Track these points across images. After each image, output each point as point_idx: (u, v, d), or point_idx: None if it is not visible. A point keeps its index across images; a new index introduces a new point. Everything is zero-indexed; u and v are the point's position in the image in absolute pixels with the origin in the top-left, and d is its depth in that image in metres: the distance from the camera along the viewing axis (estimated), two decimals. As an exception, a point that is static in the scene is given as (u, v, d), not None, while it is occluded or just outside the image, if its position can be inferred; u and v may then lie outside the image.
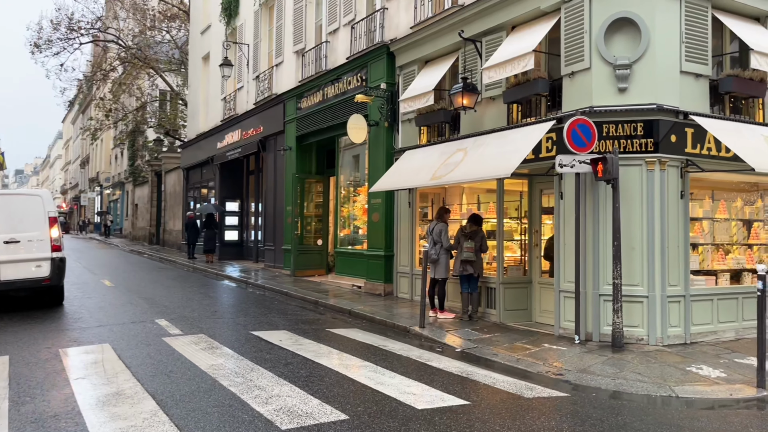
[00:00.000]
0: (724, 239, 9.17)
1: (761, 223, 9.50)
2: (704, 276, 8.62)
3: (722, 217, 9.14)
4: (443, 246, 10.15)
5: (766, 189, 9.66)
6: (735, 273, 9.00)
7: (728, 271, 8.94)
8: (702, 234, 8.88)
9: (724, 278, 8.86)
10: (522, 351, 7.78)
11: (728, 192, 9.34)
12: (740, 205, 9.35)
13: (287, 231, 16.92)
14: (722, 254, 8.98)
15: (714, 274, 8.80)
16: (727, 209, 9.14)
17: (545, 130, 8.54)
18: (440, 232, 10.22)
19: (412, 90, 11.45)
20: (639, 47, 8.09)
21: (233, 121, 21.43)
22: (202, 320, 9.54)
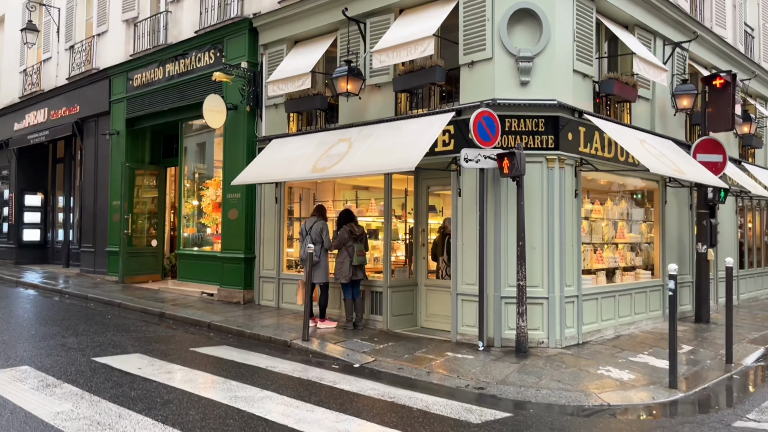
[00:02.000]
0: (597, 239, 9.41)
1: (624, 222, 9.94)
2: (587, 275, 8.70)
3: (598, 217, 9.36)
4: (323, 246, 9.08)
5: (628, 191, 10.15)
6: (610, 271, 9.26)
7: (604, 270, 9.16)
8: (584, 233, 8.97)
9: (602, 276, 9.06)
10: (426, 362, 7.06)
11: (601, 193, 9.61)
12: (610, 205, 9.67)
13: (113, 230, 14.40)
14: (600, 253, 9.18)
15: (593, 273, 8.94)
16: (601, 210, 9.38)
17: (445, 122, 7.93)
18: (321, 231, 9.13)
19: (282, 71, 10.17)
20: (540, 41, 7.85)
21: (38, 98, 17.92)
22: (18, 345, 7.32)
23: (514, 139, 7.80)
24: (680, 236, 10.70)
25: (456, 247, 8.15)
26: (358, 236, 9.01)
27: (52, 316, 9.76)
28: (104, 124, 15.04)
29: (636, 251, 10.10)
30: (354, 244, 8.93)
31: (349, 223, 9.09)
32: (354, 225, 9.09)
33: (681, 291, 10.53)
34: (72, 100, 16.19)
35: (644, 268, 9.96)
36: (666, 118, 10.36)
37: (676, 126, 10.69)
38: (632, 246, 10.05)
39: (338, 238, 9.01)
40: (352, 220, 9.20)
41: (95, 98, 15.27)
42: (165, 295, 12.23)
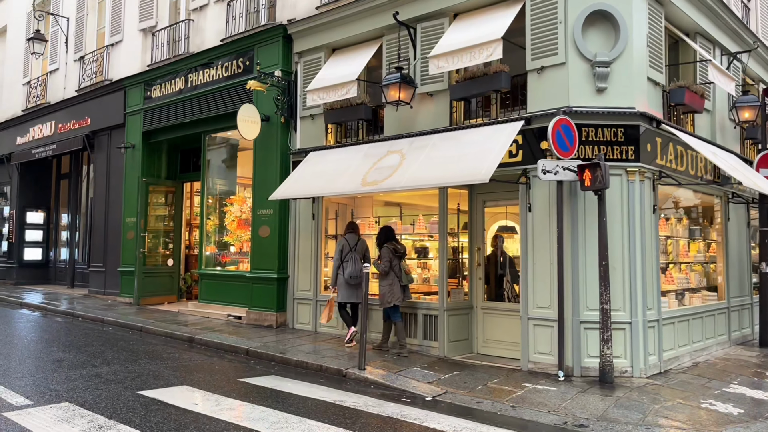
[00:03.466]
0: (664, 258, 8.81)
1: (686, 240, 9.37)
2: (662, 297, 8.08)
3: (663, 234, 8.77)
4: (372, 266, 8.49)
5: (684, 206, 9.59)
6: (679, 293, 8.65)
7: (674, 292, 8.55)
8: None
9: (672, 299, 8.44)
10: (506, 395, 6.37)
11: (664, 210, 9.05)
12: (674, 222, 9.11)
13: (127, 249, 13.60)
14: (669, 274, 8.58)
15: (665, 295, 8.31)
16: (668, 226, 8.80)
17: (515, 131, 7.35)
18: (366, 249, 8.70)
19: (322, 79, 9.57)
20: (617, 45, 7.31)
21: (43, 111, 17.16)
22: (48, 376, 6.53)
23: (591, 149, 7.22)
24: (740, 255, 10.14)
25: (526, 266, 7.50)
26: (401, 254, 8.42)
27: (74, 342, 8.94)
28: (117, 137, 14.31)
29: (699, 271, 9.51)
30: (399, 262, 8.33)
31: (391, 242, 8.47)
32: (396, 243, 8.49)
33: (741, 313, 9.95)
34: (82, 113, 15.46)
35: (708, 289, 9.37)
36: (725, 131, 9.86)
37: (732, 139, 10.19)
38: (694, 265, 9.46)
39: (384, 259, 8.28)
40: (394, 237, 8.60)
41: (108, 110, 14.56)
42: (186, 317, 11.43)
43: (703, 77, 9.10)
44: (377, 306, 8.57)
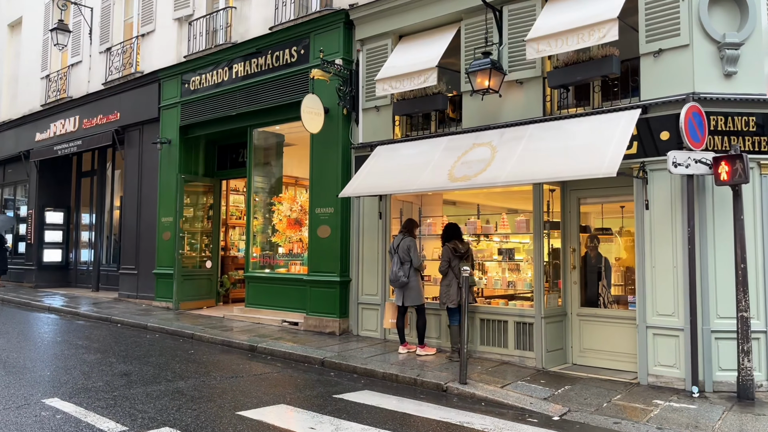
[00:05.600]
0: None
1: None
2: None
3: None
4: (412, 265, 8.07)
5: None
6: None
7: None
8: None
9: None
10: (642, 414, 5.67)
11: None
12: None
13: (163, 250, 12.84)
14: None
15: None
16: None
17: (633, 120, 6.66)
18: (408, 249, 8.11)
19: (393, 68, 8.85)
20: (746, 26, 6.63)
21: (65, 105, 16.37)
22: (126, 394, 5.78)
23: (721, 140, 6.54)
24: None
25: (643, 270, 6.80)
26: (462, 254, 7.81)
27: (129, 352, 8.18)
28: (150, 132, 13.55)
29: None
30: (459, 263, 7.72)
31: (452, 240, 7.91)
32: (458, 242, 7.94)
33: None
34: (110, 107, 14.68)
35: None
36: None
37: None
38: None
39: (442, 259, 7.95)
40: (457, 236, 7.98)
41: (140, 104, 13.80)
42: (234, 323, 10.68)
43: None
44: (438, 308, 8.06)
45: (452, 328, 7.92)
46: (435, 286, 8.47)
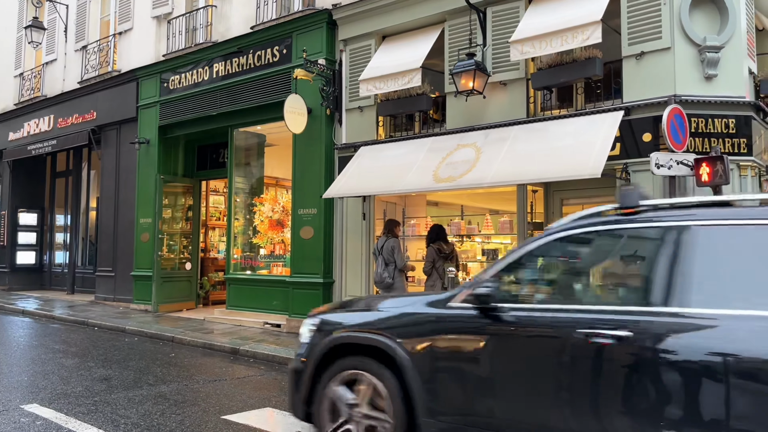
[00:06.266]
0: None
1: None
2: None
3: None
4: (396, 267, 7.98)
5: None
6: None
7: None
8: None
9: None
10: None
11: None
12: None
13: (141, 252, 12.63)
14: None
15: None
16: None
17: (616, 122, 6.74)
18: (392, 250, 8.02)
19: (377, 68, 8.83)
20: (726, 29, 6.76)
21: (40, 104, 16.02)
22: (107, 399, 5.64)
23: (702, 142, 6.64)
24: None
25: (626, 269, 6.87)
26: (447, 255, 7.82)
27: (108, 356, 8.01)
28: (128, 132, 13.32)
29: None
30: (443, 263, 7.74)
31: (437, 242, 7.92)
32: (443, 243, 7.93)
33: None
34: (86, 106, 14.40)
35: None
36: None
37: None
38: None
39: (426, 260, 7.93)
40: (442, 237, 7.99)
41: (117, 104, 13.56)
42: (215, 326, 10.54)
43: (779, 69, 8.64)
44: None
45: None
46: (419, 287, 8.46)
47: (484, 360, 3.42)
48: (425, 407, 3.48)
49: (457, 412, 3.44)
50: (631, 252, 3.49)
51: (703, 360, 2.79)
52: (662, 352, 2.88)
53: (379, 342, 3.70)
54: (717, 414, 2.72)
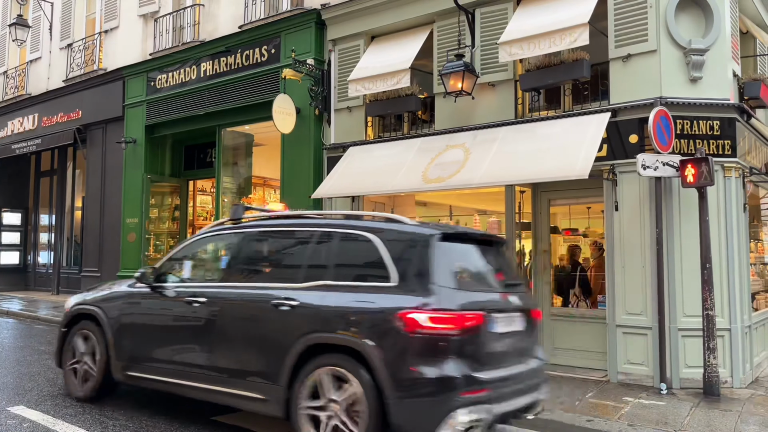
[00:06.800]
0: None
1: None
2: (741, 301, 7.66)
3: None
4: None
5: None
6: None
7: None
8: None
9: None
10: (613, 412, 5.79)
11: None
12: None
13: (128, 252, 12.54)
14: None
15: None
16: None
17: (603, 123, 6.81)
18: None
19: (366, 68, 8.84)
20: (711, 32, 6.84)
21: (24, 103, 15.84)
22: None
23: (687, 143, 6.73)
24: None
25: (612, 270, 6.95)
26: None
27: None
28: (115, 131, 13.21)
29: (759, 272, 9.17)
30: None
31: None
32: None
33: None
34: (71, 105, 14.26)
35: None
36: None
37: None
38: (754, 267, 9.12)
39: None
40: None
41: (103, 102, 13.44)
42: (203, 327, 10.47)
43: (762, 71, 8.78)
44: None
45: None
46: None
47: (151, 320, 5.28)
48: (115, 350, 5.35)
49: (134, 353, 5.24)
50: (230, 247, 5.13)
51: (243, 312, 4.67)
52: (221, 309, 4.74)
53: (92, 310, 5.62)
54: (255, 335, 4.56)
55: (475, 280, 4.54)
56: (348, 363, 3.99)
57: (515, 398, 4.18)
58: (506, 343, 4.27)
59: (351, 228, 4.57)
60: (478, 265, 4.61)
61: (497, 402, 3.98)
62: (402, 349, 3.85)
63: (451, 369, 3.80)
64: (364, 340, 3.93)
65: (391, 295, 4.04)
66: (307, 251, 4.64)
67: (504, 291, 4.50)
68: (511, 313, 4.35)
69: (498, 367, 4.10)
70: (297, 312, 4.28)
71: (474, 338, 3.95)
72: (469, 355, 3.90)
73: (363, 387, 3.89)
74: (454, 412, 3.74)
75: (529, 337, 4.60)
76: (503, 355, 4.23)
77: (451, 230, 4.56)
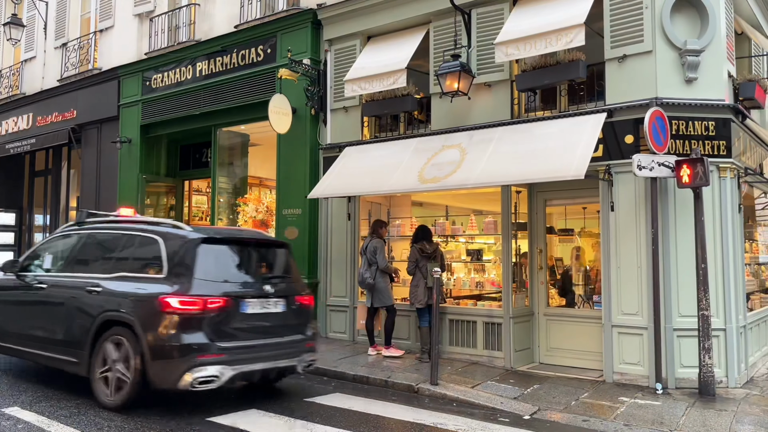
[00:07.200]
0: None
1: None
2: (736, 301, 7.68)
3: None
4: (379, 267, 8.07)
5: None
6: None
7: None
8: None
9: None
10: (609, 412, 5.81)
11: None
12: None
13: (123, 251, 12.46)
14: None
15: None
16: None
17: (599, 124, 6.81)
18: (374, 251, 8.12)
19: (362, 68, 8.83)
20: (706, 33, 6.86)
21: (18, 102, 15.76)
22: (89, 401, 5.58)
23: (682, 144, 6.75)
24: (785, 256, 9.91)
25: (608, 270, 6.96)
26: (430, 254, 7.84)
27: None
28: (110, 130, 13.15)
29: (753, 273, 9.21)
30: (427, 263, 7.76)
31: (421, 241, 7.93)
32: (426, 243, 7.94)
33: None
34: (66, 105, 14.19)
35: (764, 291, 9.07)
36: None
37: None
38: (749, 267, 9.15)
39: (409, 260, 8.01)
40: (426, 237, 8.02)
41: (98, 102, 13.38)
42: (199, 327, 10.45)
43: (757, 72, 8.81)
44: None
45: (422, 329, 7.93)
46: (405, 287, 8.46)
47: (17, 302, 6.62)
48: None
49: (2, 328, 6.57)
50: (70, 245, 6.47)
51: (68, 295, 5.90)
52: (56, 293, 6.03)
53: None
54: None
55: (231, 273, 5.73)
56: (125, 332, 5.30)
57: (259, 363, 5.47)
58: (258, 321, 5.57)
59: (147, 231, 5.80)
60: (240, 262, 5.87)
61: (236, 364, 5.25)
62: (158, 323, 5.09)
63: (192, 338, 5.08)
64: (135, 317, 5.23)
65: (159, 284, 5.31)
66: (117, 248, 6.01)
67: (262, 282, 5.77)
68: (267, 299, 5.66)
69: (243, 339, 5.42)
70: (100, 296, 5.60)
71: (216, 317, 5.22)
72: (211, 328, 5.17)
73: (132, 349, 5.18)
74: (190, 370, 5.00)
75: (293, 317, 5.94)
76: (253, 330, 5.52)
77: (216, 234, 5.84)
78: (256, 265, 6.03)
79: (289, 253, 6.45)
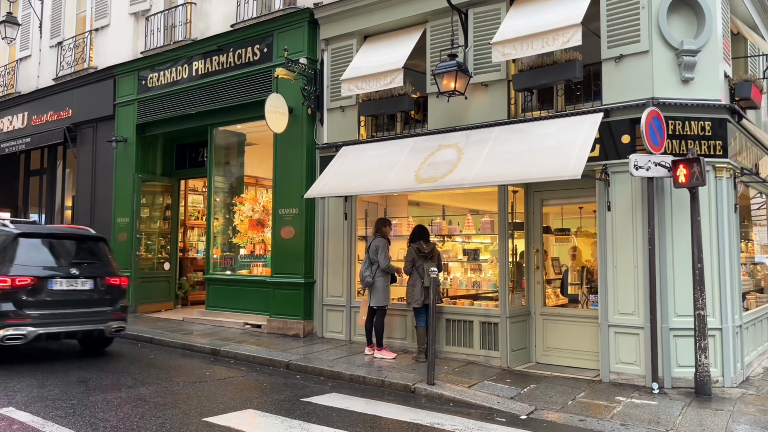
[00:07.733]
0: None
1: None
2: (732, 301, 7.70)
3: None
4: (380, 266, 8.04)
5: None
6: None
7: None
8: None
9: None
10: (606, 411, 5.81)
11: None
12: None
13: (118, 252, 12.35)
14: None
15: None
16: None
17: (596, 124, 6.82)
18: (377, 250, 8.09)
19: (359, 68, 8.82)
20: (702, 33, 6.87)
21: (13, 101, 15.70)
22: (85, 401, 5.55)
23: (679, 144, 6.76)
24: (780, 256, 9.94)
25: (605, 270, 6.97)
26: (427, 254, 7.82)
27: (84, 358, 7.87)
28: (105, 130, 13.11)
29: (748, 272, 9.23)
30: (424, 263, 7.74)
31: (417, 241, 7.91)
32: (423, 242, 7.91)
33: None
34: (62, 104, 14.14)
35: (759, 291, 9.10)
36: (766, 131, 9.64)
37: None
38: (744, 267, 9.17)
39: (406, 259, 7.96)
40: (423, 237, 8.00)
41: (94, 101, 13.34)
42: (195, 327, 10.44)
43: (753, 72, 8.83)
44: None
45: (418, 329, 7.91)
46: (402, 287, 8.44)
47: None
48: None
49: None
50: None
51: None
52: None
53: None
54: None
55: (44, 259, 7.46)
56: None
57: (64, 326, 7.33)
58: (65, 296, 7.39)
59: None
60: (52, 251, 7.63)
61: (41, 327, 7.11)
62: None
63: (3, 307, 6.93)
64: None
65: None
66: None
67: (70, 266, 7.57)
68: (75, 279, 7.49)
69: (51, 308, 7.25)
70: None
71: (24, 291, 7.06)
72: (19, 300, 7.03)
73: None
74: (2, 328, 6.83)
75: (101, 294, 7.77)
76: (60, 302, 7.35)
77: (33, 230, 7.75)
78: (66, 253, 7.75)
79: (104, 244, 8.30)
